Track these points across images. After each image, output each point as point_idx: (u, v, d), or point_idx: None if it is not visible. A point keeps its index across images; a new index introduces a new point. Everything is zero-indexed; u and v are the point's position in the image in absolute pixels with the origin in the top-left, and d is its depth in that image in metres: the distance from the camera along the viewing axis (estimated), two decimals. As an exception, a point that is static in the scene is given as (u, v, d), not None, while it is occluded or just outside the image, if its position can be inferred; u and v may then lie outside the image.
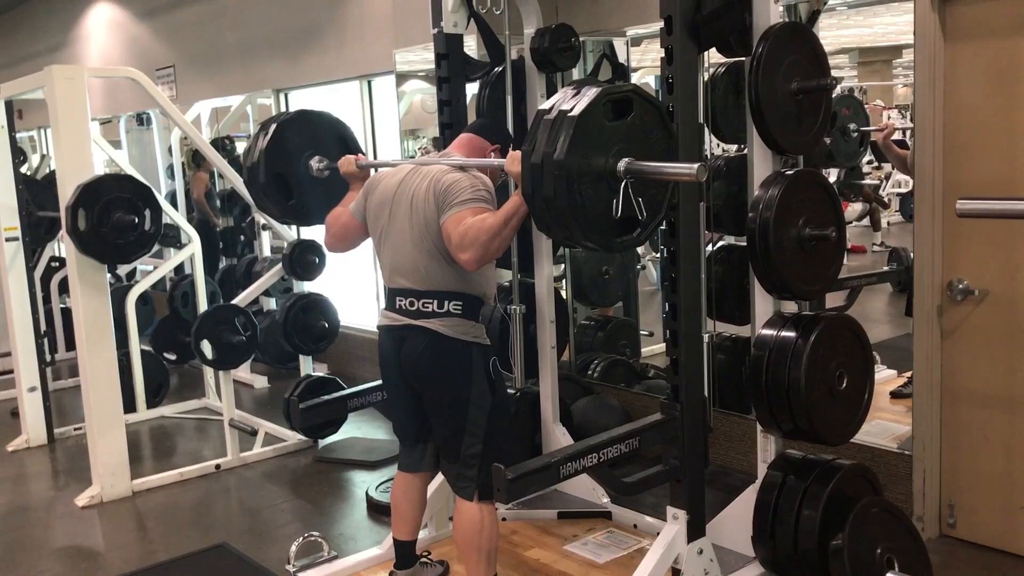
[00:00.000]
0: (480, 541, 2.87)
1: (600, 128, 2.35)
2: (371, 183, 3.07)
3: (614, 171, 2.34)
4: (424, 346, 2.85)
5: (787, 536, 2.94)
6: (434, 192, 2.79)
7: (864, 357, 3.03)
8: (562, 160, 2.26)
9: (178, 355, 6.65)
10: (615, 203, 2.33)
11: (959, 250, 3.32)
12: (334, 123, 3.58)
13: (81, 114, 4.28)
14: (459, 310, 2.85)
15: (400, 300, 2.89)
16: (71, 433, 5.41)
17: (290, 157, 3.41)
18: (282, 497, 4.36)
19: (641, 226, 2.45)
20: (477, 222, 2.66)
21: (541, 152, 2.31)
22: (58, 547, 3.95)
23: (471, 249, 2.66)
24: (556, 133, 2.30)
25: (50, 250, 6.79)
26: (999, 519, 3.32)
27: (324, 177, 3.44)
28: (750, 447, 3.50)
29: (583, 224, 2.32)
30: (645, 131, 2.43)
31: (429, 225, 2.80)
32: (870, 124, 6.03)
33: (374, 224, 2.99)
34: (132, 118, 9.14)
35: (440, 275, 2.84)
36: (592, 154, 2.33)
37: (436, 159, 2.99)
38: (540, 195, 2.32)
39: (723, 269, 4.19)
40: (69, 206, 4.18)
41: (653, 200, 2.46)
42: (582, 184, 2.30)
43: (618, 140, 2.37)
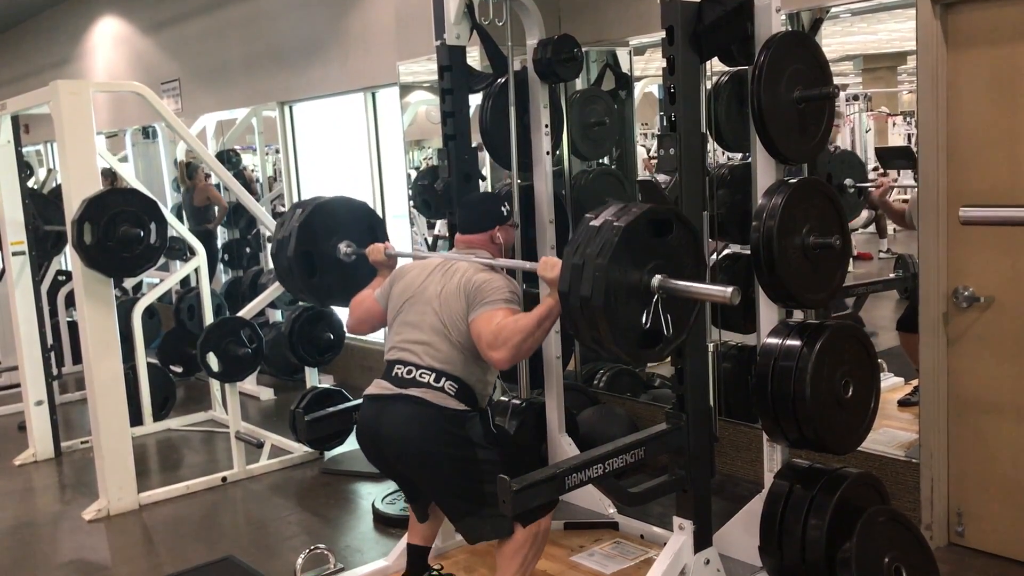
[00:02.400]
0: (526, 555, 2.86)
1: (641, 242, 2.43)
2: (399, 272, 3.16)
3: (649, 285, 2.42)
4: (412, 416, 2.82)
5: (794, 546, 2.93)
6: (465, 288, 2.87)
7: (870, 365, 3.02)
8: (604, 264, 2.34)
9: (184, 368, 6.66)
10: (645, 314, 2.41)
11: (964, 257, 3.31)
12: (367, 212, 3.66)
13: (87, 128, 4.30)
14: (453, 391, 2.86)
15: (398, 368, 2.92)
16: (78, 447, 5.42)
17: (319, 238, 3.49)
18: (288, 509, 4.36)
19: (664, 342, 2.49)
20: (511, 322, 2.73)
21: (584, 254, 2.39)
22: (65, 561, 3.95)
23: (504, 348, 2.72)
24: (601, 239, 2.38)
25: (56, 264, 6.81)
26: (1008, 527, 3.31)
27: (349, 262, 3.50)
28: (756, 456, 3.49)
29: (613, 329, 2.38)
30: (679, 252, 2.52)
31: (456, 319, 2.87)
32: (870, 130, 6.03)
33: (394, 309, 3.05)
34: (138, 132, 9.18)
35: (450, 359, 2.87)
36: (630, 265, 2.40)
37: (463, 256, 3.05)
38: (577, 294, 2.39)
39: (728, 277, 4.18)
40: (75, 220, 4.20)
41: (678, 319, 2.52)
42: (617, 291, 2.38)
43: (655, 256, 2.45)
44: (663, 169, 2.75)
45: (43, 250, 5.76)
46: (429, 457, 2.82)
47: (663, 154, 2.75)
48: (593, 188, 4.62)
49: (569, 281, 2.40)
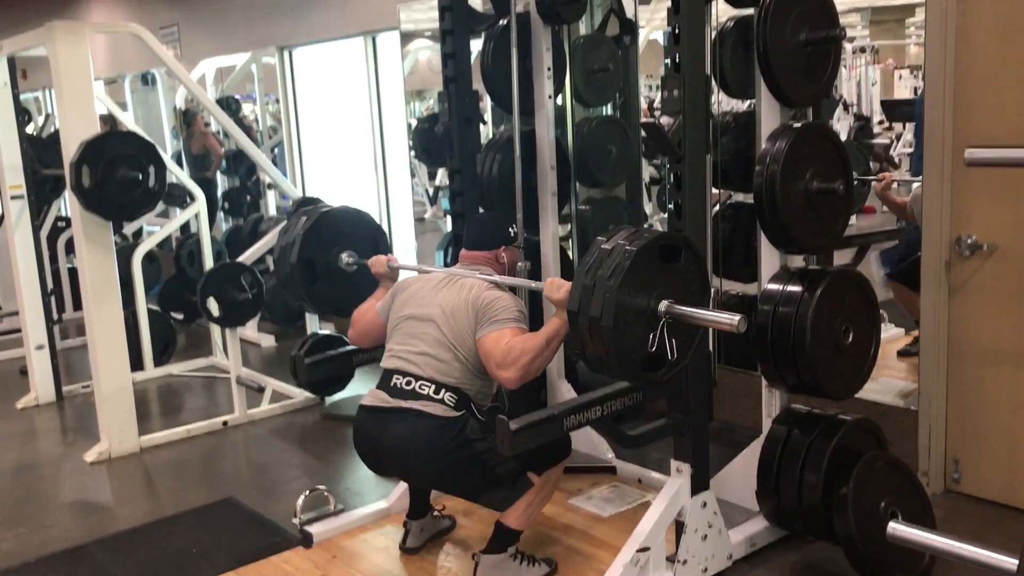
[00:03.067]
0: (535, 496, 2.90)
1: (650, 267, 2.44)
2: (401, 285, 3.15)
3: (656, 310, 2.43)
4: (413, 431, 2.83)
5: (791, 490, 2.95)
6: (474, 305, 2.87)
7: (870, 312, 3.02)
8: (615, 286, 2.36)
9: (185, 314, 6.67)
10: (651, 338, 2.43)
11: (968, 205, 3.29)
12: (370, 223, 3.66)
13: (84, 70, 4.25)
14: (452, 402, 2.86)
15: (397, 379, 2.92)
16: (79, 391, 5.44)
17: (323, 246, 3.50)
18: (289, 453, 4.39)
19: (667, 366, 2.50)
20: (520, 343, 2.74)
21: (595, 276, 2.40)
22: (67, 502, 3.99)
23: (513, 368, 2.73)
24: (613, 261, 2.39)
25: (56, 210, 6.78)
26: (1004, 474, 3.32)
27: (350, 271, 3.51)
28: (755, 403, 3.50)
29: (620, 350, 2.39)
30: (686, 278, 2.52)
31: (462, 334, 2.87)
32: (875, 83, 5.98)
33: (394, 321, 3.05)
34: (137, 78, 9.09)
35: (451, 370, 2.88)
36: (639, 289, 2.41)
37: (468, 272, 3.04)
38: (586, 314, 2.40)
39: (730, 227, 4.16)
40: (73, 163, 4.17)
41: (682, 343, 2.52)
42: (626, 314, 2.39)
43: (662, 282, 2.46)
44: (667, 111, 2.72)
45: (42, 194, 5.72)
46: (434, 467, 2.87)
47: (667, 96, 2.71)
48: (596, 136, 4.57)
49: (579, 301, 2.43)
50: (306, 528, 3.35)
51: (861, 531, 2.74)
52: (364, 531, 3.40)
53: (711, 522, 2.92)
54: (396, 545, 3.25)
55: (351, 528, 3.40)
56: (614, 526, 3.33)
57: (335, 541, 3.34)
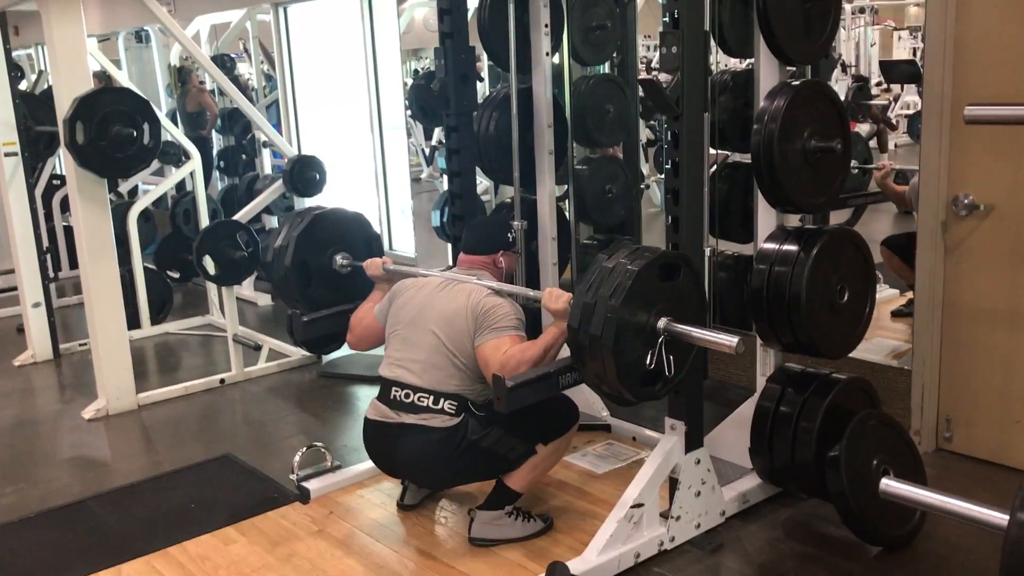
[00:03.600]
0: (539, 462, 2.93)
1: (650, 285, 2.48)
2: (399, 288, 3.15)
3: (655, 327, 2.47)
4: (421, 447, 2.88)
5: (784, 447, 2.98)
6: (472, 311, 2.87)
7: (866, 271, 3.03)
8: (616, 306, 2.40)
9: (181, 273, 6.66)
10: (649, 355, 2.47)
11: (965, 164, 3.28)
12: (363, 225, 3.65)
13: (76, 23, 4.20)
14: (452, 408, 2.87)
15: (396, 391, 2.93)
16: (76, 348, 5.46)
17: (317, 248, 3.50)
18: (286, 411, 4.41)
19: (664, 382, 2.54)
20: (518, 352, 2.75)
21: (596, 294, 2.44)
22: (66, 458, 4.01)
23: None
24: (614, 281, 2.43)
25: (51, 168, 6.75)
26: (995, 433, 3.35)
27: (344, 273, 3.50)
28: (750, 363, 3.52)
29: (619, 367, 2.43)
30: (684, 295, 2.57)
31: (459, 339, 2.88)
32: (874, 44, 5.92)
33: (393, 325, 3.05)
34: (131, 36, 8.99)
35: (449, 377, 2.89)
36: (639, 307, 2.45)
37: (466, 276, 3.02)
38: (587, 332, 2.44)
39: (727, 187, 4.14)
40: (67, 119, 4.13)
41: (679, 360, 2.57)
42: (625, 331, 2.42)
43: (661, 299, 2.50)
44: (665, 68, 2.70)
45: (36, 151, 5.70)
46: (448, 474, 2.97)
47: (665, 52, 2.69)
48: (594, 95, 4.54)
49: (580, 318, 2.45)
50: (303, 484, 3.38)
51: (853, 488, 2.77)
52: (361, 487, 3.43)
53: (704, 479, 2.95)
54: (393, 501, 3.28)
55: (348, 484, 3.43)
56: (609, 483, 3.36)
57: (332, 497, 3.37)
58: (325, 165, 5.20)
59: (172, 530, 3.21)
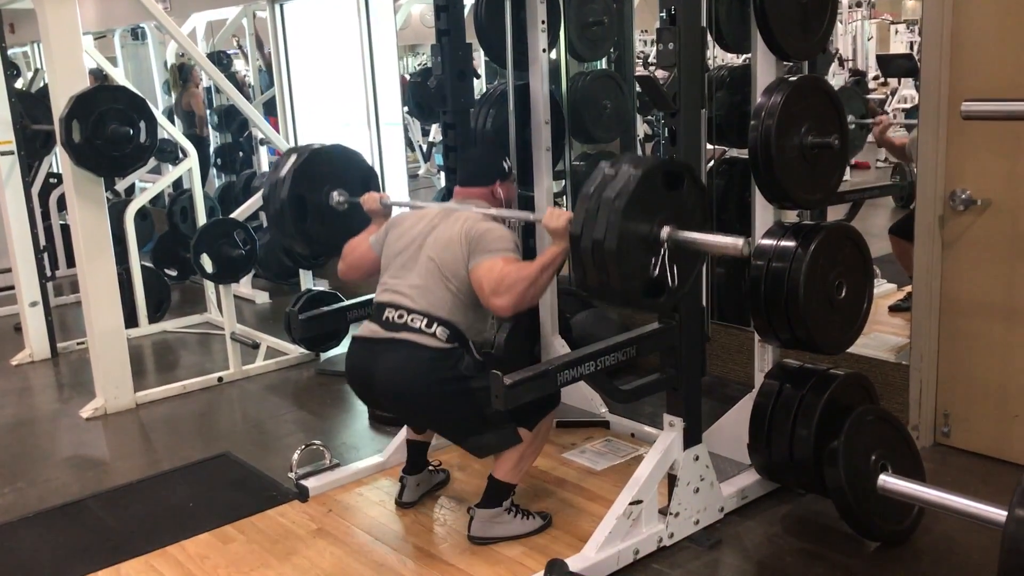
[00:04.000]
0: (526, 449, 2.92)
1: (654, 193, 2.42)
2: (395, 220, 3.12)
3: (658, 236, 2.41)
4: (404, 361, 2.83)
5: (783, 443, 2.98)
6: (467, 236, 2.84)
7: (864, 267, 3.03)
8: (620, 208, 2.33)
9: (179, 271, 6.66)
10: (653, 263, 2.41)
11: (963, 160, 3.28)
12: (362, 163, 3.57)
13: (71, 21, 4.18)
14: (444, 336, 2.85)
15: (389, 312, 2.90)
16: (74, 347, 5.45)
17: (314, 184, 3.41)
18: (284, 408, 4.41)
19: (667, 293, 2.48)
20: (514, 270, 2.73)
21: (600, 198, 2.37)
22: (64, 457, 4.01)
23: (507, 295, 2.72)
24: (618, 185, 2.37)
25: (47, 166, 6.73)
26: (993, 427, 3.35)
27: (342, 211, 3.42)
28: (748, 359, 3.52)
29: (622, 274, 2.37)
30: (688, 207, 2.50)
31: (455, 265, 2.85)
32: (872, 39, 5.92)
33: (389, 255, 3.02)
34: (127, 33, 8.97)
35: (442, 305, 2.86)
36: (643, 214, 2.39)
37: (464, 206, 2.99)
38: (590, 236, 2.37)
39: (725, 182, 4.16)
40: (63, 117, 4.13)
41: (683, 271, 2.51)
42: (629, 238, 2.37)
43: (665, 209, 2.44)
44: (662, 64, 2.70)
45: (32, 150, 5.68)
46: (425, 398, 2.86)
47: (662, 49, 2.69)
48: (590, 90, 4.54)
49: (583, 224, 2.40)
50: (302, 482, 3.38)
51: (851, 484, 2.77)
52: (360, 485, 3.43)
53: (703, 475, 2.95)
54: (392, 499, 3.28)
55: (347, 482, 3.43)
56: (607, 479, 3.36)
57: (331, 495, 3.36)
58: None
59: (171, 529, 3.21)
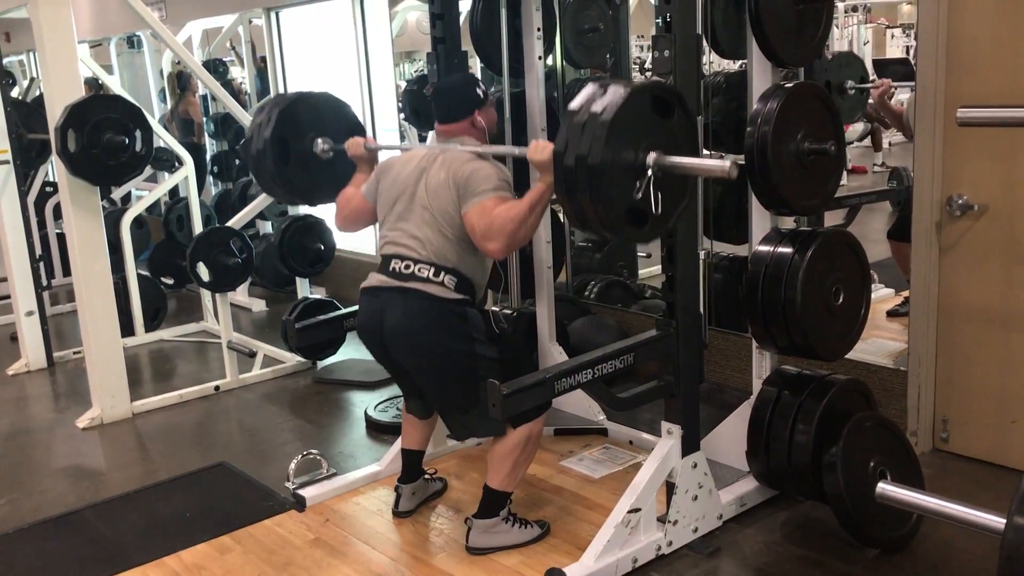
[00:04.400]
0: (519, 456, 2.89)
1: (642, 116, 2.36)
2: (384, 166, 3.07)
3: (644, 161, 2.35)
4: (414, 309, 2.82)
5: (781, 450, 2.97)
6: (454, 180, 2.80)
7: (861, 273, 3.02)
8: (607, 122, 2.26)
9: (175, 279, 6.65)
10: (637, 185, 2.35)
11: (959, 165, 3.28)
12: (348, 113, 3.52)
13: (67, 31, 4.18)
14: (452, 284, 2.84)
15: (395, 263, 2.88)
16: (70, 357, 5.43)
17: (298, 129, 3.37)
18: (281, 417, 4.39)
19: (651, 223, 2.43)
20: (503, 211, 2.69)
21: (586, 112, 2.31)
22: (60, 467, 3.99)
23: (498, 238, 2.70)
24: (606, 100, 2.30)
25: (43, 175, 6.72)
26: (992, 433, 3.35)
27: (326, 159, 3.38)
28: (746, 365, 3.51)
29: (604, 195, 2.31)
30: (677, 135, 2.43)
31: (447, 211, 2.82)
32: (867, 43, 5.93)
33: (384, 205, 2.99)
34: (123, 41, 8.97)
35: (445, 252, 2.84)
36: (629, 136, 2.32)
37: (448, 146, 2.95)
38: (574, 152, 2.31)
39: (721, 188, 4.15)
40: (58, 127, 4.12)
41: (669, 202, 2.44)
42: (614, 159, 2.30)
43: (653, 135, 2.37)
44: (658, 71, 2.69)
45: (28, 159, 5.68)
46: (430, 348, 2.83)
47: (657, 56, 2.68)
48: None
49: (567, 139, 2.32)
50: (299, 492, 3.36)
51: (850, 490, 2.76)
52: (357, 494, 3.41)
53: (701, 483, 2.94)
54: (389, 508, 3.27)
55: (344, 492, 3.42)
56: (605, 487, 3.35)
57: (328, 504, 3.35)
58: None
59: (167, 539, 3.20)
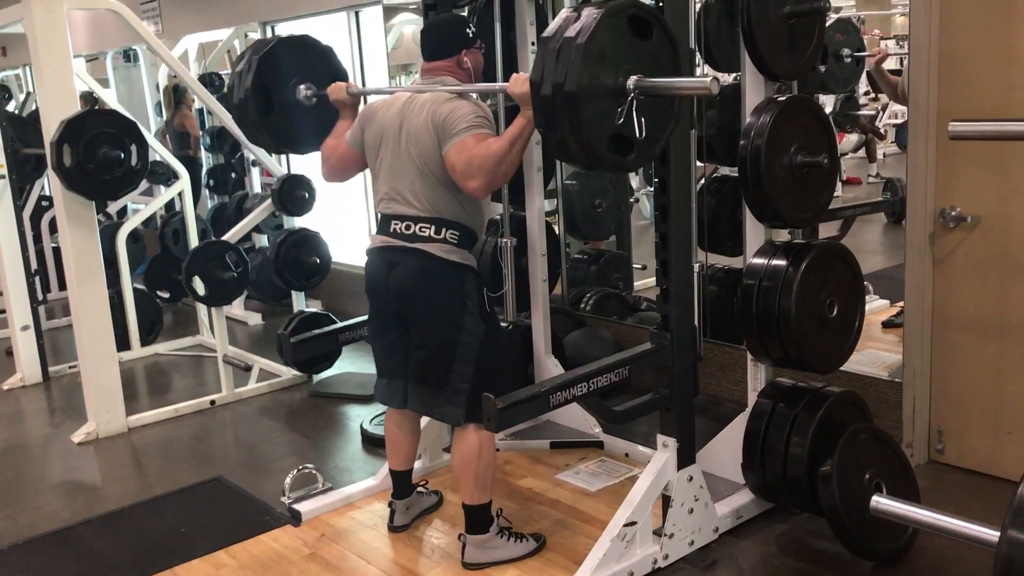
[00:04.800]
0: (477, 466, 2.88)
1: (621, 38, 2.29)
2: (367, 113, 3.02)
3: (624, 86, 2.28)
4: (418, 268, 2.83)
5: (776, 463, 2.97)
6: (433, 122, 2.76)
7: (855, 285, 3.03)
8: (582, 46, 2.18)
9: (171, 293, 6.64)
10: (619, 112, 2.28)
11: (952, 177, 3.29)
12: (332, 60, 3.47)
13: (62, 47, 4.20)
14: (455, 239, 2.84)
15: (396, 224, 2.86)
16: (66, 371, 5.42)
17: (280, 77, 3.32)
18: (277, 431, 4.39)
19: (636, 151, 2.36)
20: (482, 149, 2.65)
21: (560, 38, 2.23)
22: (55, 482, 3.98)
23: (478, 176, 2.66)
24: (581, 24, 2.22)
25: (39, 189, 6.73)
26: (987, 444, 3.35)
27: (309, 105, 3.34)
28: (741, 377, 3.51)
29: (585, 123, 2.22)
30: (658, 58, 2.36)
31: (430, 155, 2.78)
32: (865, 50, 5.94)
33: (372, 154, 2.96)
34: (119, 55, 8.98)
35: (441, 203, 2.82)
36: (607, 59, 2.25)
37: (429, 86, 2.89)
38: (550, 81, 2.23)
39: (716, 200, 4.16)
40: (54, 142, 4.12)
41: (654, 127, 2.38)
42: (593, 85, 2.23)
43: (633, 58, 2.30)
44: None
45: (24, 174, 5.68)
46: (428, 305, 2.85)
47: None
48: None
49: (543, 68, 2.25)
50: (294, 506, 3.36)
51: (846, 503, 2.76)
52: (352, 509, 3.41)
53: (697, 496, 2.94)
54: (384, 522, 3.26)
55: (339, 506, 3.41)
56: (602, 500, 3.34)
57: (324, 519, 3.35)
58: (314, 184, 5.19)
59: (163, 555, 3.19)
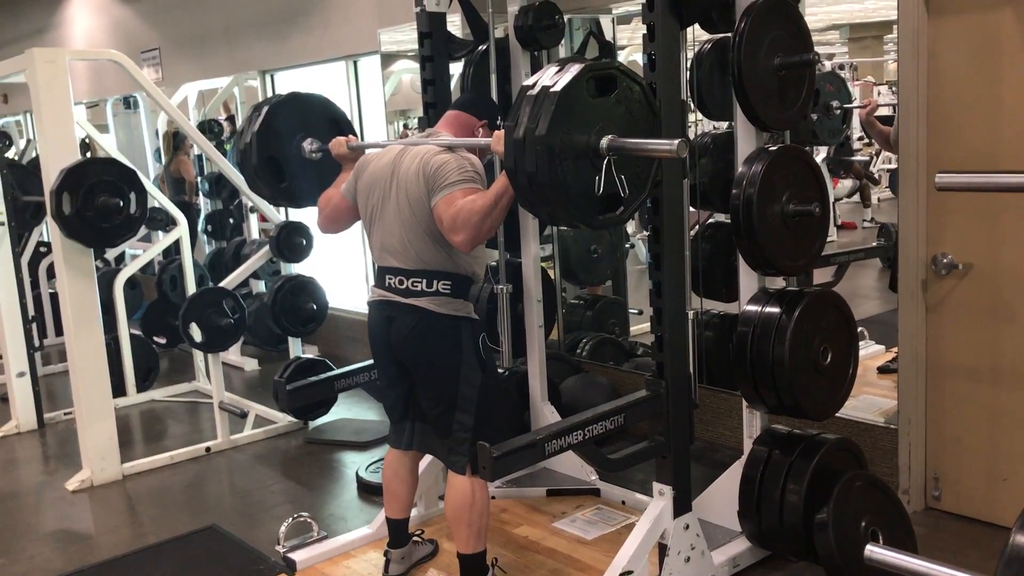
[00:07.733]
0: (471, 516, 2.88)
1: (583, 104, 2.33)
2: (360, 165, 3.07)
3: (597, 148, 2.33)
4: (413, 324, 2.86)
5: (773, 510, 2.97)
6: (423, 174, 2.80)
7: (849, 332, 3.05)
8: (543, 135, 2.25)
9: (168, 339, 6.64)
10: (597, 180, 2.32)
11: (943, 224, 3.33)
12: (326, 105, 3.54)
13: (63, 97, 4.25)
14: (448, 289, 2.86)
15: (390, 279, 2.90)
16: (61, 418, 5.41)
17: (282, 139, 3.39)
18: (272, 479, 4.37)
19: (624, 204, 2.43)
20: (467, 204, 2.68)
21: (523, 127, 2.29)
22: (49, 531, 3.96)
23: (463, 231, 2.69)
24: (538, 108, 2.28)
25: (37, 235, 6.76)
26: (983, 490, 3.35)
27: (317, 160, 3.40)
28: (737, 423, 3.51)
29: (565, 200, 2.31)
30: (629, 109, 2.43)
31: (420, 207, 2.81)
32: (855, 100, 6.03)
33: (364, 205, 3.00)
34: (119, 101, 9.08)
35: (430, 255, 2.85)
36: (575, 130, 2.31)
37: (423, 139, 2.96)
38: (522, 171, 2.31)
39: (710, 246, 4.19)
40: (53, 190, 4.16)
41: (637, 178, 2.45)
42: (564, 160, 2.28)
43: (601, 117, 2.36)
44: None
45: (23, 221, 5.72)
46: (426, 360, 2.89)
47: (643, 121, 2.73)
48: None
49: (513, 158, 2.29)
50: (289, 555, 3.34)
51: (842, 551, 2.75)
52: (348, 557, 3.38)
53: (694, 544, 2.93)
54: (380, 571, 3.24)
55: (335, 555, 3.39)
56: (598, 549, 3.32)
57: (319, 568, 3.32)
58: (311, 230, 5.22)
59: (156, 606, 3.17)
